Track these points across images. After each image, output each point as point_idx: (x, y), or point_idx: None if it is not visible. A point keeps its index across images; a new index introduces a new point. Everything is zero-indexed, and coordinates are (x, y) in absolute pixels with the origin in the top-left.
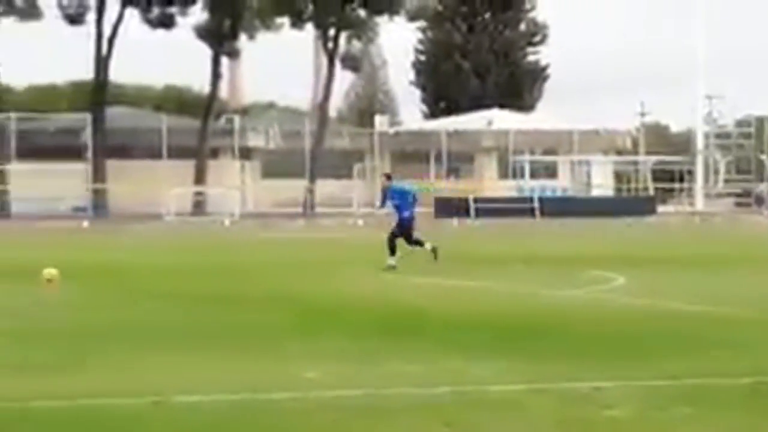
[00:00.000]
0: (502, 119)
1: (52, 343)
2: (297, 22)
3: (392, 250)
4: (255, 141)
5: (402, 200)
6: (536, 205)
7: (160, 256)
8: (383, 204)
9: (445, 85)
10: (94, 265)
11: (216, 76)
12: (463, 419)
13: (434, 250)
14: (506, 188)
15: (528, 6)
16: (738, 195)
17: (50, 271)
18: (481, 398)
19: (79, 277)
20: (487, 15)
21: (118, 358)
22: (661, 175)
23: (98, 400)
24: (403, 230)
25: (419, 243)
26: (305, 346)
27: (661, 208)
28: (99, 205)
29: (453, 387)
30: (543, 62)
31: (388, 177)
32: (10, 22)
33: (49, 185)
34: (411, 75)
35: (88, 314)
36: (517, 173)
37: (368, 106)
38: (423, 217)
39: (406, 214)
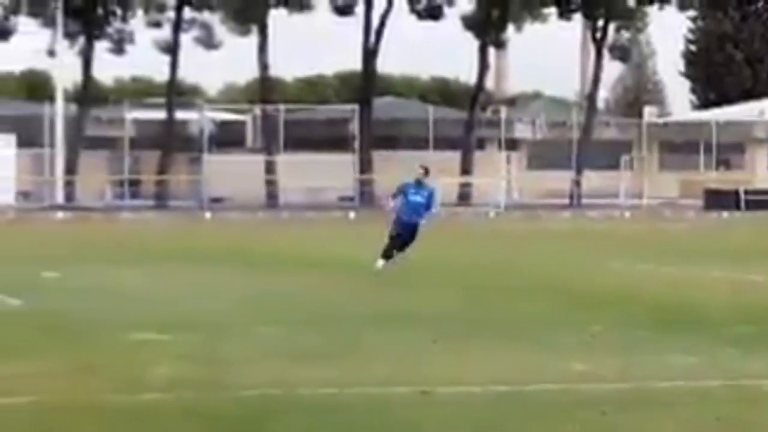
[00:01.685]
0: None
1: (320, 332)
2: (565, 12)
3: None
4: (521, 132)
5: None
6: None
7: (425, 247)
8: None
9: (716, 76)
10: (362, 257)
11: (483, 66)
12: (735, 414)
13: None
14: None
15: None
16: None
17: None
18: (755, 393)
19: (349, 267)
20: (761, 3)
21: (386, 347)
22: None
23: (365, 388)
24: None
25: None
26: (574, 338)
27: None
28: (365, 195)
29: (726, 381)
30: None
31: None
32: (280, 14)
33: (316, 176)
34: (681, 65)
35: (358, 305)
36: None
37: (636, 96)
38: (691, 209)
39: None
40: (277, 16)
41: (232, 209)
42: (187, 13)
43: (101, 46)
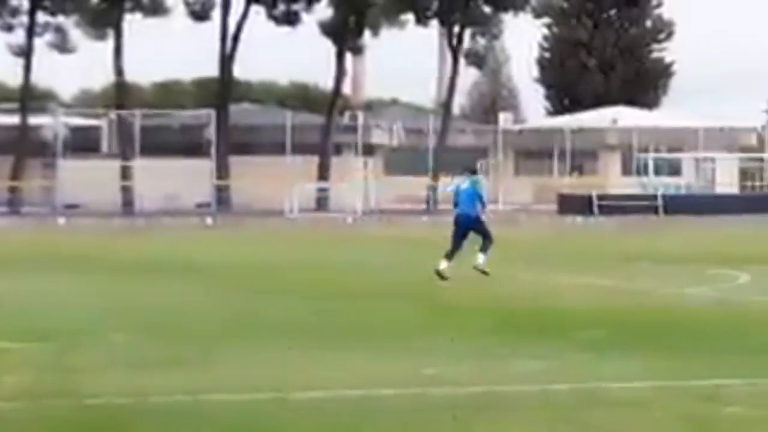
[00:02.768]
0: (626, 117)
1: (175, 339)
2: (422, 19)
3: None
4: (378, 138)
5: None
6: (660, 202)
7: (283, 252)
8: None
9: (570, 82)
10: (218, 262)
11: (340, 72)
12: (584, 417)
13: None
14: (630, 185)
15: (654, 2)
16: None
17: None
18: (603, 396)
19: (204, 273)
20: (613, 12)
21: (241, 354)
22: None
23: (219, 395)
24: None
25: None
26: (427, 343)
27: None
28: (222, 201)
29: (574, 384)
30: (668, 59)
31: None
32: (136, 19)
33: (173, 181)
34: (535, 72)
35: (210, 311)
36: (641, 170)
37: (492, 103)
38: (546, 214)
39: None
40: (132, 21)
41: (87, 215)
42: (41, 16)
43: None
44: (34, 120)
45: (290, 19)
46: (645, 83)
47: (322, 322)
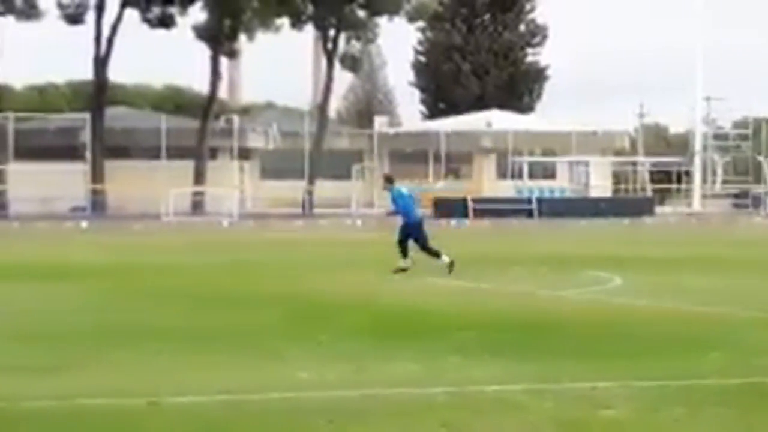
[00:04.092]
0: (501, 120)
1: (48, 344)
2: (297, 23)
3: (404, 252)
4: (254, 141)
5: (410, 203)
6: (534, 205)
7: (158, 256)
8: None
9: (445, 86)
10: (92, 266)
11: (215, 76)
12: (460, 420)
13: (451, 265)
14: (505, 189)
15: (528, 7)
16: (735, 196)
17: None
18: (479, 399)
19: (78, 277)
20: (487, 16)
21: (114, 358)
22: (659, 176)
23: (93, 400)
24: (415, 235)
25: (437, 254)
26: (300, 347)
27: (659, 209)
28: (98, 205)
29: (450, 388)
30: (542, 63)
31: (390, 180)
32: (9, 22)
33: (47, 185)
34: (410, 75)
35: (84, 315)
36: (516, 174)
37: (367, 106)
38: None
39: (414, 218)
40: (5, 24)
41: None
42: None
43: None
44: None
45: (165, 22)
46: (519, 87)
47: (195, 325)
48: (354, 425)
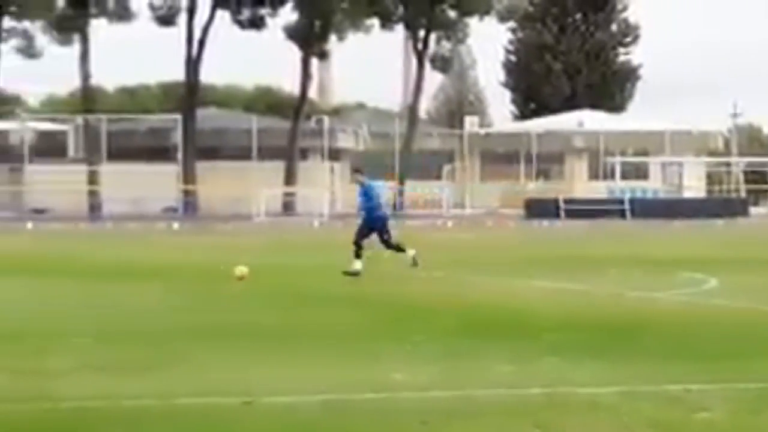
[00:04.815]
0: (592, 120)
1: (144, 343)
2: (387, 23)
3: (359, 254)
4: (344, 142)
5: (377, 198)
6: (627, 206)
7: (250, 256)
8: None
9: (536, 86)
10: (184, 266)
11: (306, 76)
12: (554, 421)
13: (415, 259)
14: (597, 189)
15: (620, 6)
16: None
17: (241, 269)
18: (573, 400)
19: (170, 277)
20: (579, 15)
21: (208, 358)
22: (753, 176)
23: (188, 399)
24: (379, 230)
25: (400, 248)
26: (394, 348)
27: (753, 210)
28: (189, 206)
29: (545, 389)
30: (634, 63)
31: (360, 172)
32: (101, 24)
33: (139, 186)
34: (501, 75)
35: (178, 315)
36: (608, 174)
37: (458, 106)
38: (513, 218)
39: (381, 213)
40: (98, 26)
41: (54, 220)
42: (7, 22)
43: None
44: (0, 125)
45: (256, 23)
46: (611, 87)
47: (288, 325)
48: (447, 426)
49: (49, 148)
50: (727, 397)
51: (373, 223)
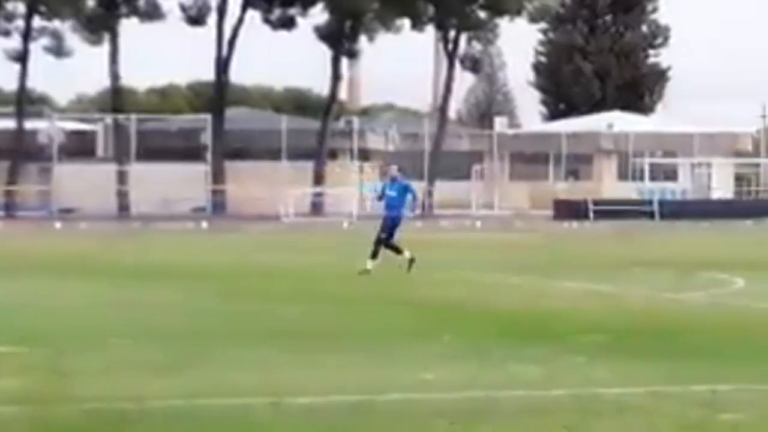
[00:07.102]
0: (621, 121)
1: (170, 343)
2: (417, 24)
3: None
4: (374, 143)
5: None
6: (656, 207)
7: (278, 256)
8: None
9: (566, 87)
10: (213, 266)
11: (336, 77)
12: (582, 422)
13: (411, 261)
14: (625, 190)
15: (650, 8)
16: None
17: None
18: (600, 401)
19: (199, 277)
20: (609, 17)
21: (235, 358)
22: None
23: (216, 399)
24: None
25: (398, 249)
26: (422, 348)
27: None
28: (218, 206)
29: (572, 390)
30: (664, 64)
31: (400, 170)
32: (132, 23)
33: (168, 186)
34: (531, 76)
35: (205, 315)
36: (637, 175)
37: (487, 107)
38: (542, 219)
39: (398, 213)
40: (128, 25)
41: (83, 220)
42: (37, 21)
43: None
44: (30, 125)
45: (286, 23)
46: (641, 88)
47: (316, 326)
48: (475, 427)
49: (78, 147)
50: (753, 398)
51: (392, 221)
